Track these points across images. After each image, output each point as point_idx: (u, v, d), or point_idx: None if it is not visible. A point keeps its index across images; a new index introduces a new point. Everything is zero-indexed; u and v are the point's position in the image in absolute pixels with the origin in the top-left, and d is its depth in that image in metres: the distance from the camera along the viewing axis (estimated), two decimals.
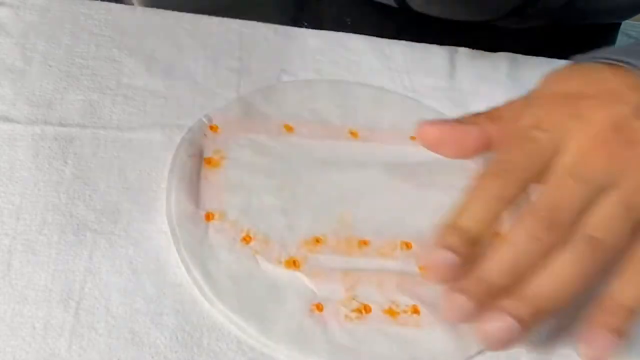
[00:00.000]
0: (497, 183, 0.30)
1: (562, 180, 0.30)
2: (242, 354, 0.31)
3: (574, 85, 0.32)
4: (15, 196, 0.35)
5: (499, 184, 0.30)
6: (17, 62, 0.42)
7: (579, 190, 0.29)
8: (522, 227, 0.29)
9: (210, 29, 0.48)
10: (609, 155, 0.30)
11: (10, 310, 0.30)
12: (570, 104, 0.31)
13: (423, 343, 0.33)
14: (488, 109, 0.35)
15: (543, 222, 0.29)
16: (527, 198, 0.31)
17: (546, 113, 0.31)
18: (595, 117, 0.31)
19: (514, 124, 0.32)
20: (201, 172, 0.38)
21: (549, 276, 0.29)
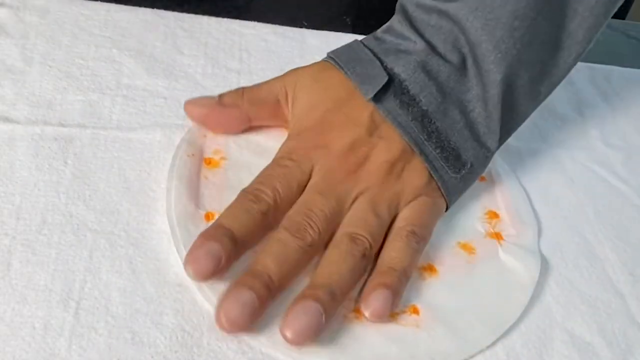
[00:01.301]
0: (254, 198, 0.34)
1: (309, 195, 0.35)
2: (242, 354, 0.31)
3: (320, 108, 0.38)
4: (15, 196, 0.35)
5: (256, 198, 0.34)
6: (17, 62, 0.42)
7: (324, 202, 0.35)
8: (282, 232, 0.34)
9: (210, 29, 0.48)
10: (347, 171, 0.36)
11: (10, 310, 0.30)
12: (316, 135, 0.37)
13: (423, 343, 0.33)
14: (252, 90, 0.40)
15: (297, 227, 0.34)
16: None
17: (299, 145, 0.37)
18: (337, 144, 0.37)
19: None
20: (201, 172, 0.38)
21: (326, 268, 0.33)
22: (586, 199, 0.44)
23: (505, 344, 0.34)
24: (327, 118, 0.38)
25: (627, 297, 0.38)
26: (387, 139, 0.37)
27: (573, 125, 0.50)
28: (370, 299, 0.33)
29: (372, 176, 0.36)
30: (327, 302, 0.32)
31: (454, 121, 0.38)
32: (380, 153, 0.37)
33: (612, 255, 0.41)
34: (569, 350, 0.35)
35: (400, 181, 0.37)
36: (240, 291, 0.31)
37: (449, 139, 0.38)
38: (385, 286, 0.33)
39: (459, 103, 0.38)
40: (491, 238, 0.39)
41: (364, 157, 0.37)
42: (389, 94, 0.37)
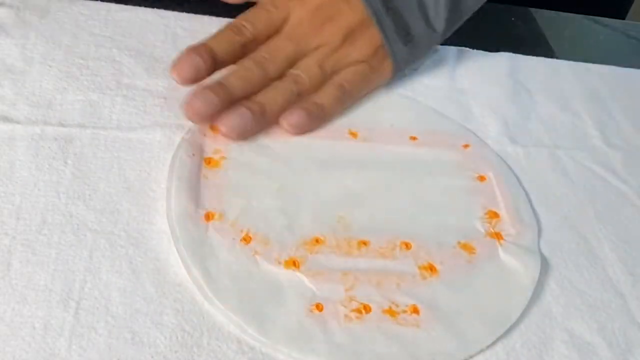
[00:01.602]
0: (237, 31, 0.42)
1: (279, 37, 0.43)
2: (242, 354, 0.31)
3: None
4: (15, 196, 0.35)
5: (239, 31, 0.42)
6: (17, 62, 0.42)
7: (289, 45, 0.42)
8: (250, 60, 0.41)
9: (210, 29, 0.48)
10: (314, 26, 0.43)
11: (10, 310, 0.30)
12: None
13: (423, 343, 0.33)
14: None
15: (262, 60, 0.41)
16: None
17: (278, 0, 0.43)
18: (311, 3, 0.43)
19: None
20: (201, 172, 0.38)
21: (267, 93, 0.41)
22: (586, 199, 0.44)
23: (506, 344, 0.34)
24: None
25: (627, 297, 0.38)
26: (352, 6, 0.44)
27: (573, 125, 0.50)
28: (288, 113, 0.41)
29: (330, 36, 0.43)
30: (257, 114, 0.40)
31: (410, 2, 0.45)
32: (343, 18, 0.44)
33: (612, 255, 0.41)
34: (569, 350, 0.35)
35: (351, 47, 0.44)
36: (207, 92, 0.39)
37: (403, 16, 0.45)
38: (303, 108, 0.41)
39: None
40: (491, 238, 0.39)
41: (329, 17, 0.43)
42: None
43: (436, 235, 0.38)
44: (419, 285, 0.36)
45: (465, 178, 0.43)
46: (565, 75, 0.54)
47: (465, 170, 0.43)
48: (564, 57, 0.56)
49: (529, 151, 0.46)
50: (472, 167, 0.43)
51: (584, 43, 0.52)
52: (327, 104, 0.42)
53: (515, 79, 0.52)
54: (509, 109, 0.49)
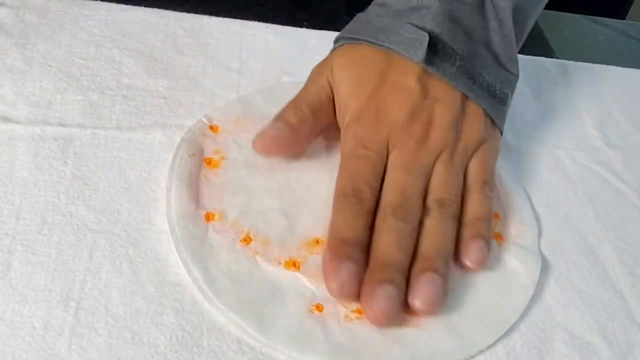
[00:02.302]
0: (358, 200, 0.36)
1: (397, 175, 0.37)
2: (242, 354, 0.31)
3: (367, 85, 0.39)
4: (15, 196, 0.35)
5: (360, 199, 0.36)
6: (17, 62, 0.42)
7: (413, 179, 0.37)
8: (391, 219, 0.35)
9: (210, 29, 0.48)
10: (418, 141, 0.38)
11: (10, 310, 0.30)
12: (375, 114, 0.38)
13: (423, 343, 0.33)
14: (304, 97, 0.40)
15: (401, 210, 0.35)
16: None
17: (363, 130, 0.38)
18: (397, 116, 0.38)
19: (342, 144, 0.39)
20: (201, 172, 0.38)
21: (432, 240, 0.35)
22: (586, 199, 0.44)
23: (506, 344, 0.34)
24: (378, 92, 0.39)
25: (627, 297, 0.38)
26: (441, 99, 0.39)
27: (573, 125, 0.50)
28: (469, 250, 0.36)
29: (441, 141, 0.38)
30: (443, 269, 0.34)
31: (484, 58, 0.41)
32: (440, 115, 0.39)
33: (612, 255, 0.41)
34: (569, 350, 0.35)
35: (463, 137, 0.39)
36: (384, 286, 0.32)
37: (486, 76, 0.40)
38: (478, 236, 0.36)
39: (482, 41, 0.41)
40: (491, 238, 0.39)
41: (428, 122, 0.38)
42: (431, 52, 0.39)
43: None
44: None
45: None
46: (565, 75, 0.54)
47: None
48: (564, 57, 0.56)
49: (529, 151, 0.46)
50: None
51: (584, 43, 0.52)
52: (489, 213, 0.38)
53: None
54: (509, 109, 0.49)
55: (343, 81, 0.40)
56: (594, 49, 0.59)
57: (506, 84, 0.42)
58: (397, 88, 0.39)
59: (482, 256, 0.36)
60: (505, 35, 0.41)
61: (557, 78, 0.54)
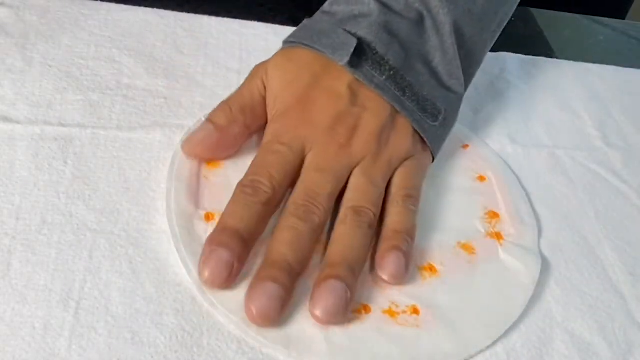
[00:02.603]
0: (253, 192, 0.34)
1: (308, 176, 0.36)
2: (242, 354, 0.31)
3: (298, 85, 0.39)
4: (15, 196, 0.35)
5: (255, 192, 0.35)
6: (17, 62, 0.42)
7: (324, 180, 0.36)
8: (290, 217, 0.34)
9: (210, 29, 0.48)
10: (339, 145, 0.37)
11: (10, 310, 0.30)
12: (300, 113, 0.38)
13: (423, 343, 0.33)
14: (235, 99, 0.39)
15: (304, 209, 0.34)
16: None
17: (285, 125, 0.37)
18: (323, 119, 0.37)
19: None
20: (201, 172, 0.38)
21: (341, 245, 0.34)
22: (586, 199, 0.44)
23: (506, 344, 0.34)
24: (307, 94, 0.38)
25: (628, 297, 0.38)
26: (370, 108, 0.38)
27: (573, 125, 0.50)
28: (385, 263, 0.34)
29: (364, 147, 0.37)
30: (349, 278, 0.33)
31: (420, 73, 0.40)
32: (366, 123, 0.38)
33: (612, 255, 0.41)
34: (569, 350, 0.35)
35: (388, 147, 0.38)
36: (266, 284, 0.31)
37: (420, 91, 0.40)
38: (395, 248, 0.35)
39: (420, 56, 0.40)
40: (491, 238, 0.39)
41: (352, 128, 0.38)
42: (360, 58, 0.38)
43: (436, 236, 0.38)
44: (418, 286, 0.36)
45: (465, 178, 0.43)
46: (565, 75, 0.54)
47: (465, 170, 0.43)
48: (564, 57, 0.56)
49: (529, 151, 0.46)
50: (472, 167, 0.43)
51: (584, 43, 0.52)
52: (410, 226, 0.36)
53: (515, 79, 0.52)
54: (508, 109, 0.49)
55: (275, 81, 0.39)
56: (594, 49, 0.59)
57: (442, 100, 0.41)
58: (327, 92, 0.38)
59: (399, 269, 0.34)
60: (446, 51, 0.41)
61: (557, 78, 0.54)
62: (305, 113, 0.38)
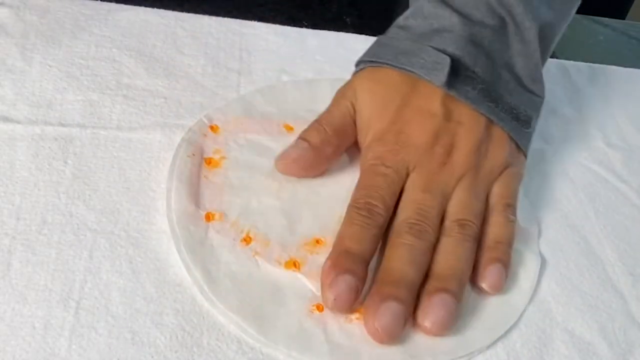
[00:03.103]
0: (369, 214, 0.35)
1: (416, 195, 0.37)
2: (242, 354, 0.31)
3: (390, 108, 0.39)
4: (15, 196, 0.35)
5: (371, 214, 0.35)
6: (17, 62, 0.42)
7: (432, 199, 0.36)
8: (407, 235, 0.35)
9: (210, 29, 0.48)
10: (440, 163, 0.38)
11: (10, 310, 0.30)
12: (397, 136, 0.38)
13: (423, 343, 0.33)
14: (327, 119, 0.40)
15: (417, 228, 0.35)
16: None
17: (385, 149, 0.38)
18: (419, 138, 0.38)
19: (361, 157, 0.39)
20: (201, 172, 0.38)
21: (449, 260, 0.35)
22: (586, 199, 0.44)
23: (506, 344, 0.34)
24: (401, 115, 0.39)
25: (627, 297, 0.38)
26: (465, 123, 0.39)
27: (573, 125, 0.50)
28: (487, 274, 0.36)
29: (463, 164, 0.38)
30: (457, 291, 0.34)
31: (507, 81, 0.40)
32: (464, 139, 0.38)
33: (612, 255, 0.41)
34: (569, 350, 0.35)
35: (487, 160, 0.39)
36: (389, 303, 0.32)
37: (511, 99, 0.40)
38: (498, 260, 0.36)
39: (504, 63, 0.40)
40: None
41: (450, 145, 0.38)
42: (451, 75, 0.38)
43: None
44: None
45: None
46: (565, 75, 0.54)
47: None
48: (564, 57, 0.56)
49: (529, 151, 0.46)
50: None
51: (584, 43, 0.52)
52: (511, 237, 0.37)
53: None
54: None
55: (366, 103, 0.40)
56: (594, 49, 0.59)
57: (530, 106, 0.41)
58: (420, 111, 0.39)
59: (500, 281, 0.35)
60: (529, 56, 0.41)
61: (557, 78, 0.54)
62: (401, 135, 0.38)
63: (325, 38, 0.50)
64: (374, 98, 0.39)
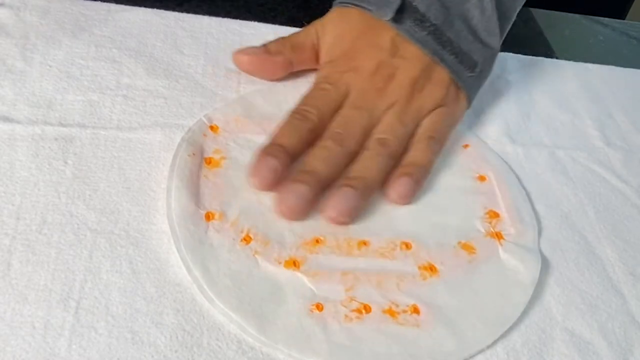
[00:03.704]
0: (302, 118, 0.40)
1: (347, 111, 0.41)
2: (242, 354, 0.31)
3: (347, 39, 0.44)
4: (15, 196, 0.35)
5: (304, 118, 0.40)
6: (17, 62, 0.42)
7: (360, 115, 0.41)
8: (327, 140, 0.39)
9: (210, 29, 0.48)
10: (377, 89, 0.42)
11: (10, 310, 0.30)
12: (347, 62, 0.43)
13: (423, 343, 0.33)
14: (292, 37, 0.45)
15: (339, 136, 0.39)
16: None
17: (333, 71, 0.43)
18: (365, 66, 0.42)
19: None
20: (201, 172, 0.38)
21: (361, 164, 0.39)
22: (586, 199, 0.44)
23: (506, 344, 0.34)
24: (354, 45, 0.44)
25: (628, 296, 0.38)
26: (408, 58, 0.43)
27: (573, 125, 0.50)
28: (396, 185, 0.39)
29: (398, 92, 0.42)
30: (362, 188, 0.38)
31: (459, 30, 0.44)
32: (403, 72, 0.43)
33: (612, 255, 0.41)
34: (569, 349, 0.35)
35: (422, 95, 0.43)
36: (297, 185, 0.37)
37: (459, 45, 0.44)
38: (408, 175, 0.40)
39: (460, 14, 0.44)
40: (491, 237, 0.39)
41: (390, 76, 0.42)
42: (404, 16, 0.43)
43: (436, 235, 0.38)
44: (419, 285, 0.36)
45: (465, 178, 0.43)
46: (565, 75, 0.54)
47: (465, 170, 0.43)
48: (564, 57, 0.56)
49: (529, 151, 0.46)
50: (472, 167, 0.43)
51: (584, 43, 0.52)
52: (427, 162, 0.41)
53: (515, 79, 0.52)
54: (508, 109, 0.49)
55: (328, 33, 0.45)
56: (594, 49, 0.59)
57: (479, 54, 0.44)
58: (371, 44, 0.43)
59: (408, 192, 0.39)
60: (484, 9, 0.44)
61: (557, 78, 0.54)
62: (351, 61, 0.43)
63: None
64: (336, 31, 0.45)
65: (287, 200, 0.36)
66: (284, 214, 0.36)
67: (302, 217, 0.37)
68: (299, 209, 0.36)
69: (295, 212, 0.36)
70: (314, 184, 0.37)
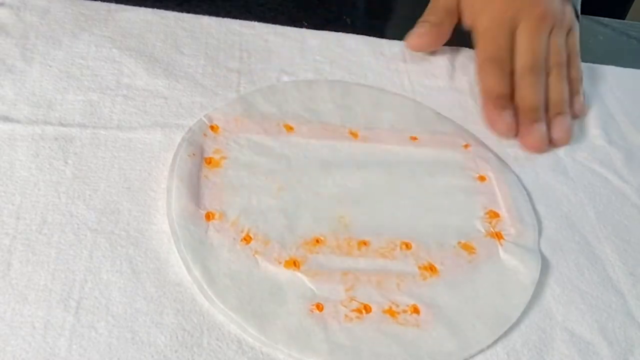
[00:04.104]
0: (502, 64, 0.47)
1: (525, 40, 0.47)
2: (242, 354, 0.31)
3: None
4: (15, 196, 0.35)
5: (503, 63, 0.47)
6: (18, 62, 0.42)
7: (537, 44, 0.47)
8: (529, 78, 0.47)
9: (210, 29, 0.48)
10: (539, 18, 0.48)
11: (10, 310, 0.30)
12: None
13: (423, 343, 0.33)
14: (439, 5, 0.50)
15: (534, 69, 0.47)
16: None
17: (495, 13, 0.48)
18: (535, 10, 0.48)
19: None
20: (201, 172, 0.38)
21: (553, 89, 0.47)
22: (586, 199, 0.44)
23: (506, 344, 0.34)
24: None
25: (628, 296, 0.38)
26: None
27: (573, 125, 0.50)
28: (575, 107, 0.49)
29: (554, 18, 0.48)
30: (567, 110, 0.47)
31: None
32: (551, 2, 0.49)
33: (612, 255, 0.41)
34: (570, 349, 0.35)
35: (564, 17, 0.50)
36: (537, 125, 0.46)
37: None
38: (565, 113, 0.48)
39: None
40: (491, 237, 0.39)
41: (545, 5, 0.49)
42: None
43: (436, 235, 0.38)
44: (419, 285, 0.36)
45: (465, 178, 0.43)
46: None
47: (465, 170, 0.43)
48: None
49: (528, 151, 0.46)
50: (472, 167, 0.43)
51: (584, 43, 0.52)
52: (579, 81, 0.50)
53: None
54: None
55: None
56: (594, 49, 0.59)
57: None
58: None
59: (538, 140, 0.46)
60: None
61: None
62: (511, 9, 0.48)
63: (325, 38, 0.50)
64: None
65: (534, 139, 0.45)
66: (534, 149, 0.45)
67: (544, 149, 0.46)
68: (545, 143, 0.46)
69: (543, 145, 0.46)
70: (544, 117, 0.46)
